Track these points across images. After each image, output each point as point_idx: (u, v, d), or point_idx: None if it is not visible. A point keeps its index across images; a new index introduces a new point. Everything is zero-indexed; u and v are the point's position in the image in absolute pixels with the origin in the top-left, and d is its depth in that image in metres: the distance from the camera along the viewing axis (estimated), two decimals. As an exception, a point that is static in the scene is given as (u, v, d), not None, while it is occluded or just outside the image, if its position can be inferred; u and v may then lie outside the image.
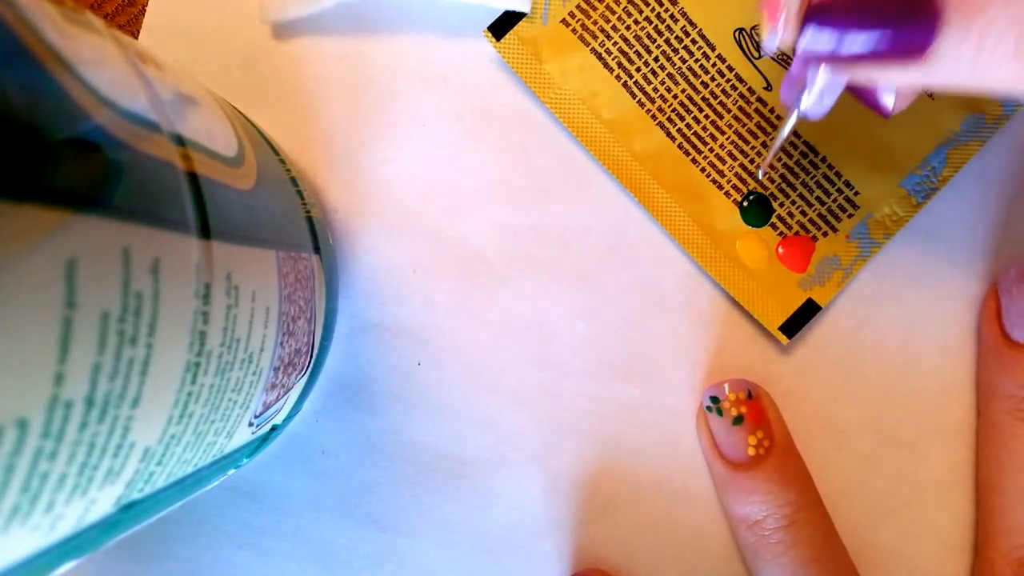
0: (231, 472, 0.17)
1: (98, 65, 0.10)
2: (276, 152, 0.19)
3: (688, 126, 0.21)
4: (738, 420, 0.19)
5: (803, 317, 0.21)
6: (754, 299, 0.21)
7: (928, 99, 0.20)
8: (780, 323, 0.21)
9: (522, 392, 0.21)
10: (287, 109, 0.22)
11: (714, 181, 0.21)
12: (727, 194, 0.21)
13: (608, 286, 0.21)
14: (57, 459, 0.09)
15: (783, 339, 0.21)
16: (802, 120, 0.17)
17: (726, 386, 0.20)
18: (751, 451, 0.19)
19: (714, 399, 0.20)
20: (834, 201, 0.21)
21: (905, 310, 0.21)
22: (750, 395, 0.20)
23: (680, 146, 0.21)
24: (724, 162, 0.21)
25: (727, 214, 0.21)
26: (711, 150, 0.21)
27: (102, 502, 0.10)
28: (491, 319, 0.21)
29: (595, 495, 0.21)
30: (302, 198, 0.19)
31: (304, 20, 0.22)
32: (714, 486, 0.21)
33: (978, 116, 0.20)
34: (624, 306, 0.21)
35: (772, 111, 0.21)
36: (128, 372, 0.09)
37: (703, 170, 0.21)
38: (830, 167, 0.21)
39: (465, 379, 0.21)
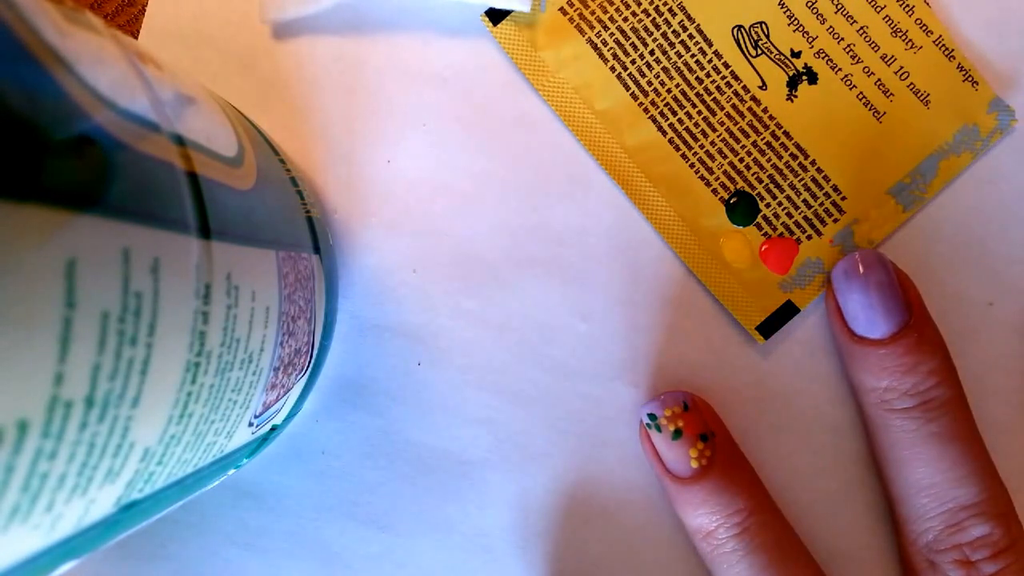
0: (231, 472, 0.17)
1: (98, 65, 0.10)
2: (276, 152, 0.19)
3: (680, 121, 0.21)
4: (677, 434, 0.19)
5: (781, 319, 0.21)
6: (734, 298, 0.21)
7: (923, 107, 0.20)
8: (758, 323, 0.21)
9: (522, 392, 0.21)
10: (287, 109, 0.22)
11: (702, 178, 0.21)
12: (714, 191, 0.21)
13: (608, 286, 0.21)
14: (57, 459, 0.09)
15: (760, 339, 0.21)
16: None
17: (662, 400, 0.20)
18: (694, 463, 0.19)
19: (651, 416, 0.20)
20: (820, 205, 0.20)
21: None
22: (686, 407, 0.19)
23: (671, 140, 0.21)
24: (713, 159, 0.21)
25: (713, 211, 0.21)
26: (701, 146, 0.21)
27: (102, 502, 0.10)
28: (491, 319, 0.21)
29: (595, 495, 0.21)
30: (302, 198, 0.19)
31: (304, 20, 0.22)
32: (668, 500, 0.21)
33: (972, 127, 0.20)
34: (624, 306, 0.21)
35: (765, 110, 0.21)
36: (128, 372, 0.09)
37: (692, 166, 0.21)
38: (819, 170, 0.20)
39: (465, 379, 0.21)
